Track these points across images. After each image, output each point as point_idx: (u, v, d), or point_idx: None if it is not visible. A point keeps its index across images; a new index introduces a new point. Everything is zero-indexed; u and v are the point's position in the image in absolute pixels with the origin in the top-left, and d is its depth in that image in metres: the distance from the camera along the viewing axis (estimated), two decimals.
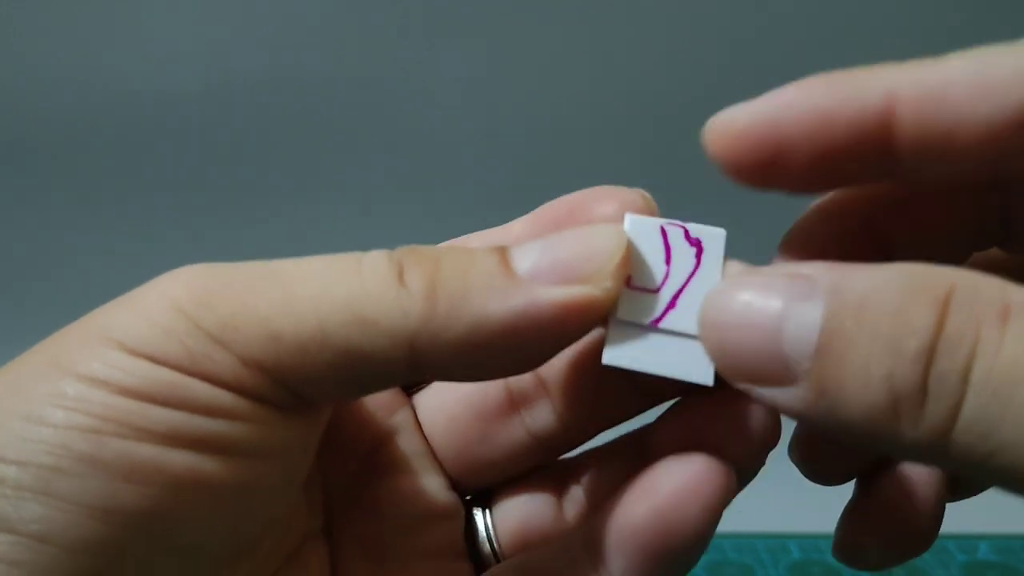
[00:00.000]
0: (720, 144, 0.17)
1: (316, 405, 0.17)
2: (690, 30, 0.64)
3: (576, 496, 0.21)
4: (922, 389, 0.14)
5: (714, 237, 0.18)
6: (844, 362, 0.14)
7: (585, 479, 0.21)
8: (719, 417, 0.18)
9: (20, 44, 0.67)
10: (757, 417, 0.18)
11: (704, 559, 0.43)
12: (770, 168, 0.17)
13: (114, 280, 0.17)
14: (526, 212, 0.20)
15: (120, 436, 0.15)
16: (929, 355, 0.14)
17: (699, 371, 0.17)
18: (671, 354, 0.17)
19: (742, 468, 0.17)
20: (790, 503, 0.49)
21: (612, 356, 0.17)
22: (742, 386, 0.16)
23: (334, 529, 0.21)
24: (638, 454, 0.19)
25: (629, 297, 0.17)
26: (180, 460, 0.15)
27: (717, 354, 0.16)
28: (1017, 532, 0.45)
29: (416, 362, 0.16)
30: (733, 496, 0.17)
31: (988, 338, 0.13)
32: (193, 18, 0.66)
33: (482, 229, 0.20)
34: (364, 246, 0.17)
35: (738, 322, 0.16)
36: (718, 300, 0.16)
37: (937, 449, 0.14)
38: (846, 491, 0.22)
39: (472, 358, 0.16)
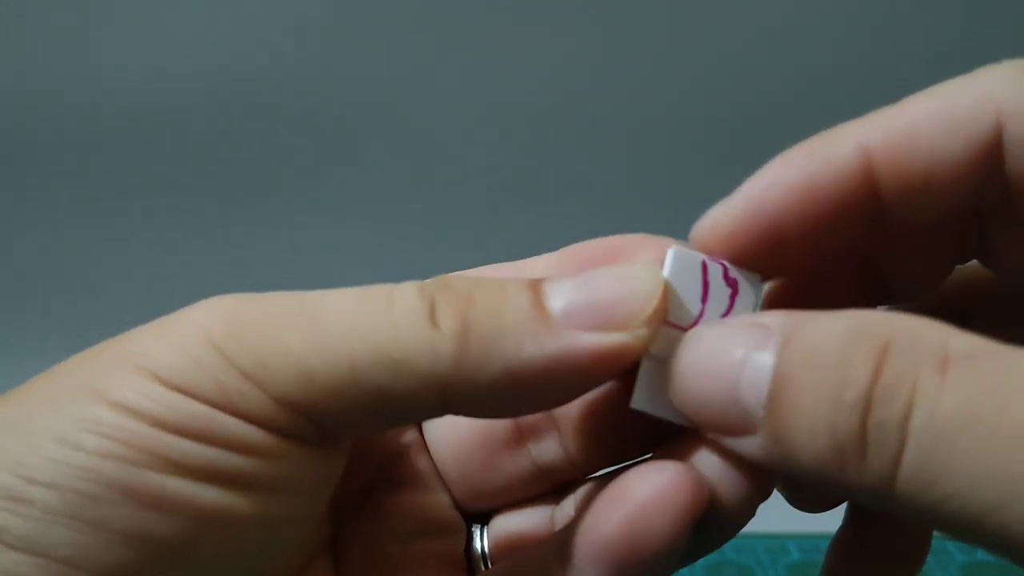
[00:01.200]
0: (713, 247, 0.17)
1: (344, 439, 0.17)
2: (690, 33, 0.64)
3: (568, 509, 0.21)
4: (862, 438, 0.14)
5: (750, 281, 0.18)
6: (793, 411, 0.15)
7: (580, 492, 0.21)
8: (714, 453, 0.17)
9: (19, 46, 0.67)
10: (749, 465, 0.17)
11: (703, 559, 0.43)
12: (768, 256, 0.17)
13: (113, 279, 0.17)
14: (528, 213, 0.20)
15: (153, 468, 0.15)
16: (866, 404, 0.14)
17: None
18: None
19: (728, 509, 0.17)
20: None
21: (641, 402, 0.17)
22: (711, 435, 0.16)
23: (341, 542, 0.21)
24: None
25: (663, 333, 0.17)
26: (211, 495, 0.15)
27: (683, 403, 0.16)
28: None
29: (446, 403, 0.16)
30: (704, 509, 0.16)
31: (926, 387, 0.13)
32: (194, 18, 0.67)
33: (483, 230, 0.20)
34: (366, 246, 0.17)
35: (703, 372, 0.16)
36: (686, 349, 0.16)
37: (884, 497, 0.14)
38: None
39: (502, 400, 0.16)
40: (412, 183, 0.65)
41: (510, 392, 0.16)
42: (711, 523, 0.17)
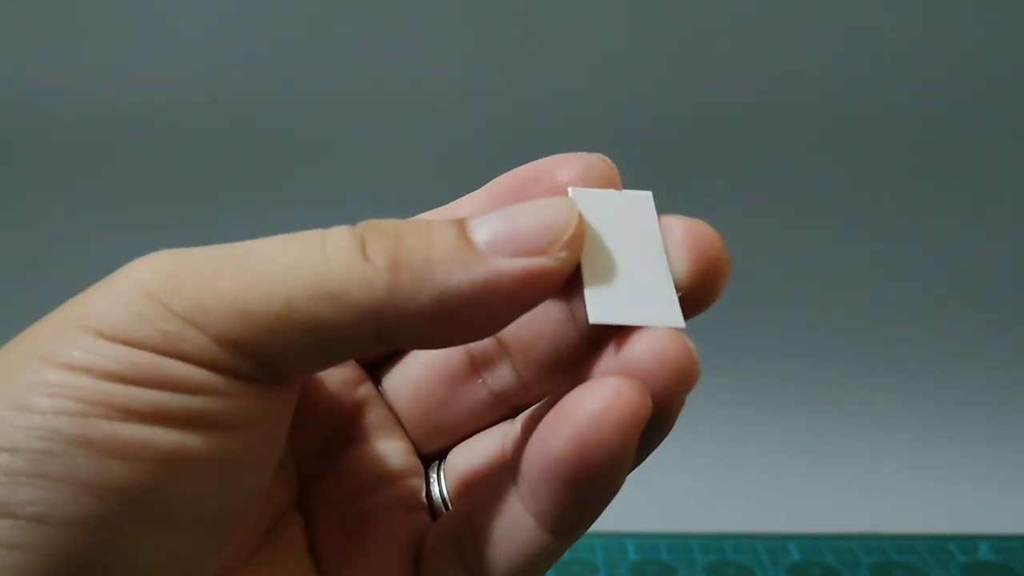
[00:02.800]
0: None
1: (289, 377, 0.18)
2: (690, 34, 0.64)
3: (515, 433, 0.22)
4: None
5: (645, 197, 0.20)
6: None
7: (526, 414, 0.22)
8: (637, 345, 0.18)
9: (16, 51, 0.67)
10: (672, 347, 0.18)
11: (704, 559, 0.43)
12: None
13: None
14: None
15: (106, 418, 0.15)
16: None
17: (670, 317, 0.18)
18: (642, 304, 0.18)
19: (661, 402, 0.18)
20: (790, 503, 0.49)
21: (596, 315, 0.18)
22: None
23: (307, 502, 0.21)
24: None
25: (590, 258, 0.18)
26: (165, 437, 0.16)
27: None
28: (1017, 532, 0.45)
29: (382, 333, 0.17)
30: (648, 417, 0.17)
31: None
32: (189, 22, 0.66)
33: None
34: None
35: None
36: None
37: None
38: (846, 492, 0.22)
39: (435, 327, 0.17)
40: (411, 182, 0.65)
41: (442, 319, 0.17)
42: (649, 427, 0.17)
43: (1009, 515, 0.47)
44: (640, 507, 0.48)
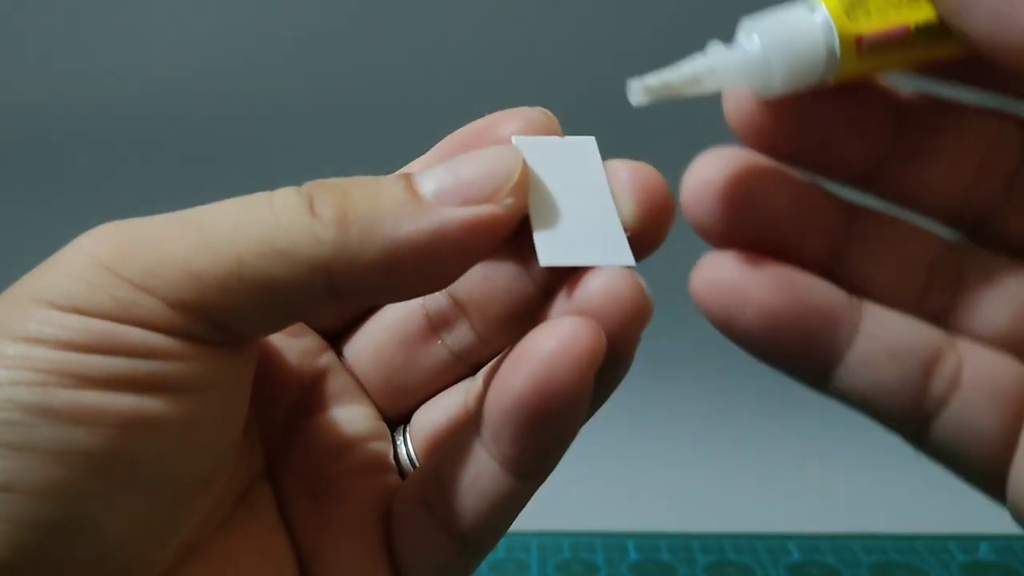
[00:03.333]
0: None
1: (246, 337, 0.18)
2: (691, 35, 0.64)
3: (476, 388, 0.22)
4: None
5: (589, 142, 0.20)
6: None
7: (485, 368, 0.22)
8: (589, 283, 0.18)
9: (18, 46, 0.67)
10: (625, 285, 0.18)
11: (704, 559, 0.43)
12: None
13: None
14: None
15: (64, 386, 0.15)
16: None
17: (620, 255, 0.18)
18: (592, 245, 0.18)
19: (616, 340, 0.18)
20: (790, 503, 0.49)
21: (547, 258, 0.18)
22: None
23: (275, 471, 0.22)
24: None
25: (537, 204, 0.19)
26: (124, 401, 0.16)
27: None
28: (1017, 532, 0.45)
29: (333, 287, 0.17)
30: (603, 354, 0.17)
31: None
32: (186, 16, 0.66)
33: None
34: None
35: None
36: None
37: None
38: (846, 492, 0.22)
39: (386, 279, 0.17)
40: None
41: (392, 271, 0.17)
42: (606, 366, 0.18)
43: (1009, 515, 0.47)
44: (640, 507, 0.48)
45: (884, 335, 0.17)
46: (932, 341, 0.18)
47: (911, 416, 0.18)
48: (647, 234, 0.19)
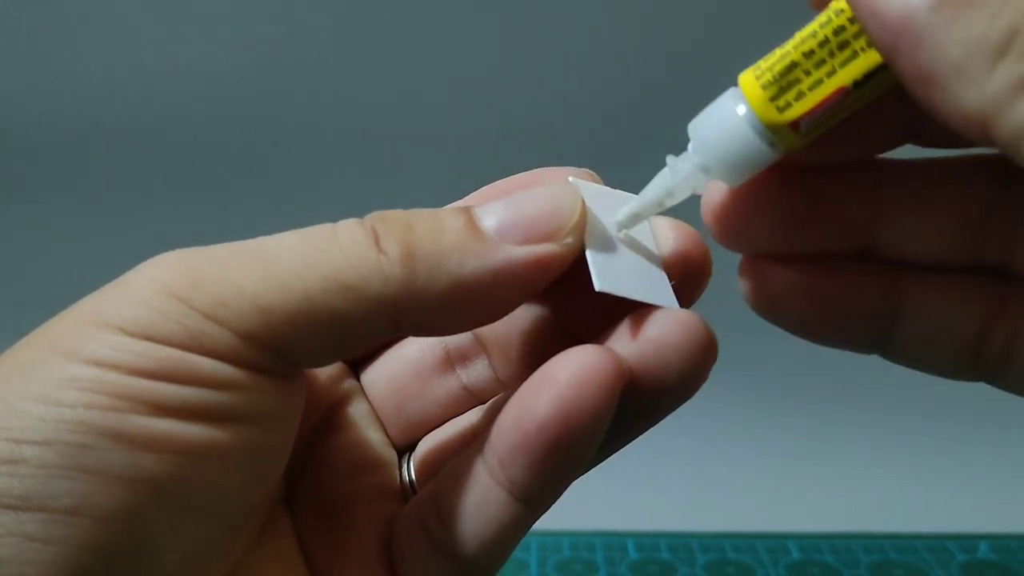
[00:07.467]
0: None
1: (303, 368, 0.18)
2: (691, 34, 0.64)
3: (480, 415, 0.22)
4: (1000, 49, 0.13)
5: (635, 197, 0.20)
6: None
7: (492, 401, 0.22)
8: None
9: (17, 48, 0.67)
10: (696, 323, 0.18)
11: (704, 558, 0.43)
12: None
13: (108, 277, 0.17)
14: None
15: (137, 412, 0.16)
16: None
17: (667, 299, 0.19)
18: (641, 285, 0.18)
19: (683, 377, 0.18)
20: (790, 503, 0.49)
21: (602, 284, 0.18)
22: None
23: (291, 493, 0.22)
24: None
25: (590, 238, 0.19)
26: (194, 431, 0.16)
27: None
28: (1017, 532, 0.45)
29: (398, 322, 0.17)
30: (625, 382, 0.17)
31: None
32: (189, 20, 0.66)
33: None
34: None
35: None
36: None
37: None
38: (846, 493, 0.22)
39: (449, 314, 0.17)
40: (409, 180, 0.65)
41: (456, 306, 0.17)
42: (641, 402, 0.18)
43: (1009, 515, 0.47)
44: (640, 506, 0.48)
45: (923, 323, 0.18)
46: (977, 315, 0.18)
47: (976, 374, 0.18)
48: (687, 289, 0.20)
